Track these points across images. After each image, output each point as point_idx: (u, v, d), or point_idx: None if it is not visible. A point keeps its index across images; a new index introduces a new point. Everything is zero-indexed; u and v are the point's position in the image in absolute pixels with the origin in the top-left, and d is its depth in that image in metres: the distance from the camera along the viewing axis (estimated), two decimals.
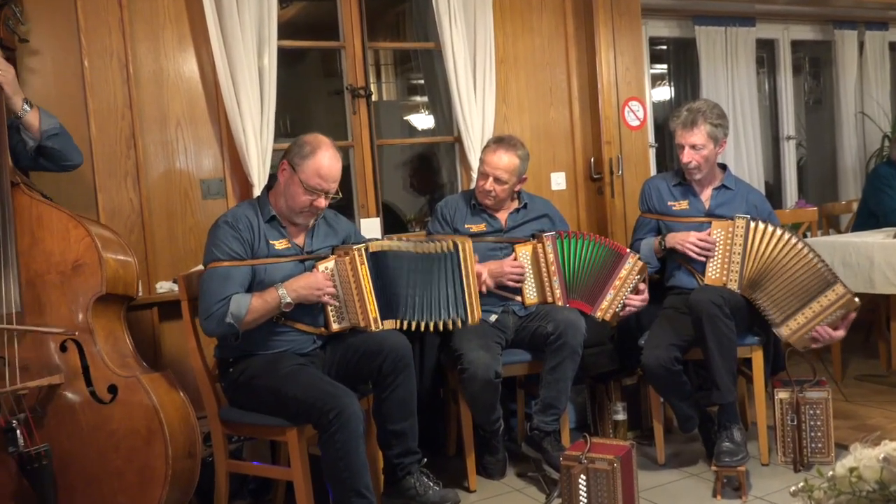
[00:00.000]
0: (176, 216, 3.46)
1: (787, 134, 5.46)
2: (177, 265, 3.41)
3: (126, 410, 2.51)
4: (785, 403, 3.22)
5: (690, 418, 3.24)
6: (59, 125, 2.75)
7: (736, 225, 3.26)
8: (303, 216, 2.79)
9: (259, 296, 2.67)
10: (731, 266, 3.26)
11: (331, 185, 2.75)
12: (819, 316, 3.10)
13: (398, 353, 2.76)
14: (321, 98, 5.30)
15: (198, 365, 2.83)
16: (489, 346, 3.08)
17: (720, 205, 3.40)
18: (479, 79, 3.94)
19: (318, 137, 2.78)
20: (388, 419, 2.82)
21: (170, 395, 2.58)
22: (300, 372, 2.67)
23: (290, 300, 2.68)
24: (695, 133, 3.29)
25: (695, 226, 3.36)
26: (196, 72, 3.48)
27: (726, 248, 3.28)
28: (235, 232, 2.71)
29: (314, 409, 2.54)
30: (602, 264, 3.26)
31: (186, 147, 3.48)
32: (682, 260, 3.37)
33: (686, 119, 3.30)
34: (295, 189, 2.74)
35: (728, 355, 3.08)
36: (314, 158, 2.72)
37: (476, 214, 3.36)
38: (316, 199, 2.74)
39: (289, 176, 2.76)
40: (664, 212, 3.45)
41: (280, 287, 2.68)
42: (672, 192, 3.46)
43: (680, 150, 3.34)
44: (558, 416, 3.17)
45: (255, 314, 2.65)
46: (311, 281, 2.72)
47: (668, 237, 3.37)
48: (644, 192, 3.53)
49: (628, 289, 3.23)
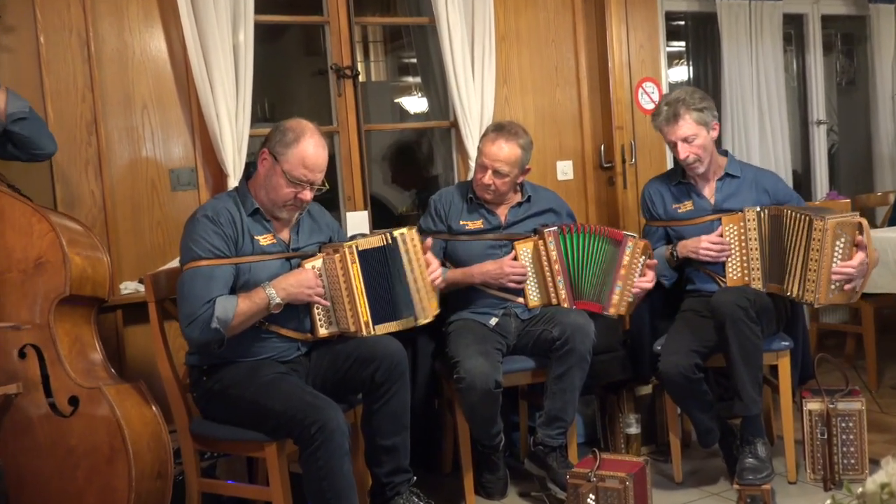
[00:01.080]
0: (142, 209, 3.46)
1: (817, 118, 5.47)
2: (143, 263, 3.41)
3: (87, 425, 2.51)
4: (814, 415, 3.23)
5: (711, 432, 3.25)
6: (28, 109, 2.74)
7: (747, 218, 3.28)
8: (286, 210, 2.79)
9: (246, 297, 2.67)
10: (750, 263, 3.28)
11: (317, 175, 2.75)
12: (825, 257, 3.09)
13: (393, 360, 2.77)
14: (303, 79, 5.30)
15: (166, 373, 2.83)
16: (488, 353, 3.08)
17: (727, 197, 3.41)
18: (477, 57, 3.94)
19: (302, 123, 2.77)
20: (378, 433, 2.82)
21: (138, 410, 2.58)
22: (280, 381, 2.67)
23: (280, 300, 2.69)
24: (681, 125, 3.30)
25: (704, 226, 3.38)
26: (164, 50, 3.47)
27: (741, 244, 3.30)
28: (217, 227, 2.70)
29: (294, 422, 2.54)
30: (604, 256, 3.28)
31: (154, 133, 3.47)
32: (700, 265, 3.39)
33: (668, 114, 3.31)
34: (277, 181, 2.74)
35: (753, 363, 3.09)
36: (298, 147, 2.72)
37: (473, 210, 3.37)
38: (301, 191, 2.74)
39: (270, 166, 2.75)
40: (671, 217, 3.47)
41: (268, 286, 2.68)
42: (674, 193, 3.48)
43: (673, 147, 3.35)
44: (565, 429, 3.18)
45: (243, 317, 2.65)
46: (301, 279, 2.73)
47: (679, 247, 3.39)
48: (645, 200, 3.55)
49: (635, 274, 3.24)
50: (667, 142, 3.38)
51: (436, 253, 3.32)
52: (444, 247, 3.35)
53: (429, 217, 3.41)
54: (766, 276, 3.26)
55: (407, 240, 2.87)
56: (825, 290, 3.10)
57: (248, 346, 2.77)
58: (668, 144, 3.38)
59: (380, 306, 2.83)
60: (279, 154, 2.73)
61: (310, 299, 2.75)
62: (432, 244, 3.31)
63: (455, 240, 3.33)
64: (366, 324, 2.79)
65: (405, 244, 2.86)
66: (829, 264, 3.08)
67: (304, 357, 2.87)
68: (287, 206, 2.77)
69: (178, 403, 2.83)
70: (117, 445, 2.49)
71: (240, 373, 2.72)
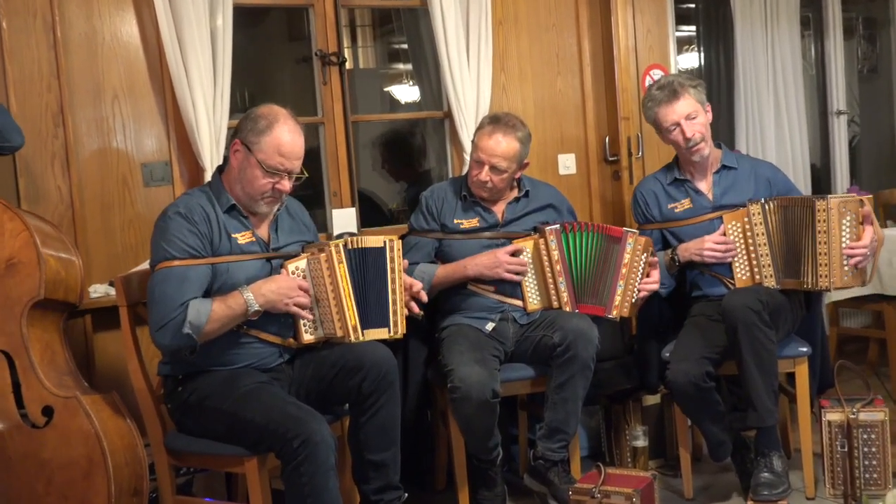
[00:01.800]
0: (112, 207, 3.45)
1: (836, 108, 5.48)
2: (114, 265, 3.41)
3: (62, 437, 2.51)
4: (834, 426, 3.24)
5: (723, 444, 3.26)
6: None
7: (751, 213, 3.30)
8: (264, 202, 2.79)
9: (222, 301, 2.67)
10: (759, 260, 3.30)
11: (294, 163, 2.75)
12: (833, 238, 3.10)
13: (381, 368, 2.77)
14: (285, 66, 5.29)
15: (139, 383, 2.82)
16: (485, 361, 3.09)
17: (726, 191, 3.43)
18: (472, 43, 3.94)
19: (274, 109, 2.78)
20: (366, 447, 2.82)
21: (114, 421, 2.58)
22: (261, 391, 2.67)
23: (258, 307, 2.69)
24: (682, 102, 3.34)
25: (704, 225, 3.39)
26: (136, 35, 3.47)
27: (748, 241, 3.31)
28: (191, 224, 2.70)
29: (276, 435, 2.54)
30: (603, 255, 3.28)
31: (125, 124, 3.47)
32: (704, 268, 3.40)
33: (665, 95, 3.35)
34: (252, 172, 2.74)
35: (768, 370, 3.10)
36: (272, 133, 2.72)
37: (468, 208, 3.37)
38: (278, 181, 2.74)
39: (243, 157, 2.75)
40: (667, 218, 3.47)
41: (246, 290, 2.68)
42: (668, 192, 3.49)
43: (671, 132, 3.36)
44: (567, 442, 3.18)
45: (218, 323, 2.65)
46: (282, 285, 2.73)
47: (680, 250, 3.40)
48: (637, 202, 3.56)
49: (638, 273, 3.25)
50: (664, 129, 3.38)
51: (428, 253, 3.33)
52: (437, 246, 3.35)
53: (420, 215, 3.40)
54: (779, 272, 3.28)
55: (395, 247, 2.87)
56: (839, 273, 3.13)
57: (225, 353, 2.76)
58: (666, 131, 3.38)
59: (369, 310, 2.84)
60: (252, 143, 2.73)
61: (288, 309, 2.74)
62: (425, 244, 3.32)
63: (449, 239, 3.33)
64: (354, 328, 2.79)
65: (392, 252, 2.87)
66: (838, 245, 3.12)
67: (286, 365, 2.87)
68: (265, 198, 2.77)
69: (152, 415, 2.82)
70: (96, 459, 2.49)
71: (217, 382, 2.71)
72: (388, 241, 2.87)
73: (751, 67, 4.83)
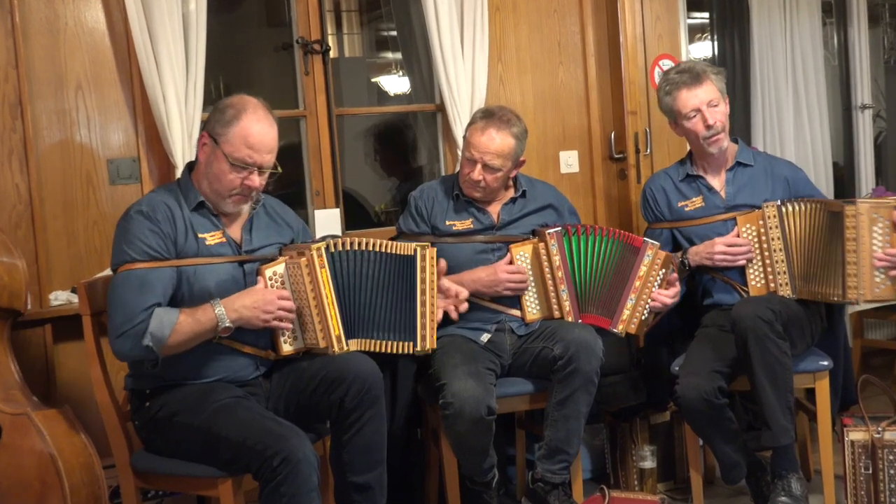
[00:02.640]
0: (75, 206, 3.45)
1: (861, 102, 5.50)
2: (77, 270, 3.40)
3: (13, 457, 2.50)
4: (857, 446, 3.25)
5: (737, 466, 3.27)
6: None
7: (766, 215, 3.31)
8: (232, 200, 2.79)
9: (189, 313, 2.66)
10: (775, 267, 3.31)
11: (264, 156, 2.76)
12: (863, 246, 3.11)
13: (365, 382, 2.77)
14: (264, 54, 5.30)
15: (103, 398, 2.82)
16: (480, 374, 3.09)
17: (740, 189, 3.45)
18: (467, 30, 3.95)
19: (244, 98, 2.79)
20: (350, 468, 2.82)
21: (69, 438, 2.57)
22: (236, 406, 2.67)
23: (230, 323, 2.69)
24: (705, 87, 3.38)
25: (717, 226, 3.41)
26: (102, 20, 3.47)
27: (762, 246, 3.33)
28: (153, 224, 2.70)
29: (254, 453, 2.54)
30: (617, 264, 3.29)
31: (90, 117, 3.47)
32: (716, 273, 3.41)
33: (686, 79, 3.38)
34: (219, 166, 2.74)
35: (782, 385, 3.11)
36: (239, 124, 2.72)
37: (461, 208, 3.38)
38: (247, 176, 2.75)
39: (210, 151, 2.76)
40: (677, 217, 3.49)
41: (217, 304, 2.68)
42: (680, 189, 3.51)
43: (690, 119, 3.38)
44: (568, 463, 3.19)
45: (182, 336, 2.65)
46: (258, 299, 2.72)
47: (690, 254, 3.42)
48: (646, 199, 3.58)
49: (652, 289, 3.26)
50: (683, 115, 3.38)
51: None
52: None
53: (409, 217, 3.41)
54: (795, 280, 3.29)
55: (427, 256, 2.98)
56: (869, 285, 3.14)
57: (197, 365, 2.76)
58: (684, 118, 3.38)
59: (354, 318, 2.85)
60: (219, 135, 2.74)
61: (267, 325, 2.75)
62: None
63: (440, 243, 3.34)
64: (337, 338, 2.80)
65: (423, 261, 2.97)
66: (868, 253, 3.13)
67: (263, 378, 2.87)
68: (233, 195, 2.77)
69: (117, 433, 2.81)
70: (50, 480, 2.49)
71: (188, 397, 2.71)
72: (419, 249, 2.98)
73: (768, 58, 4.85)
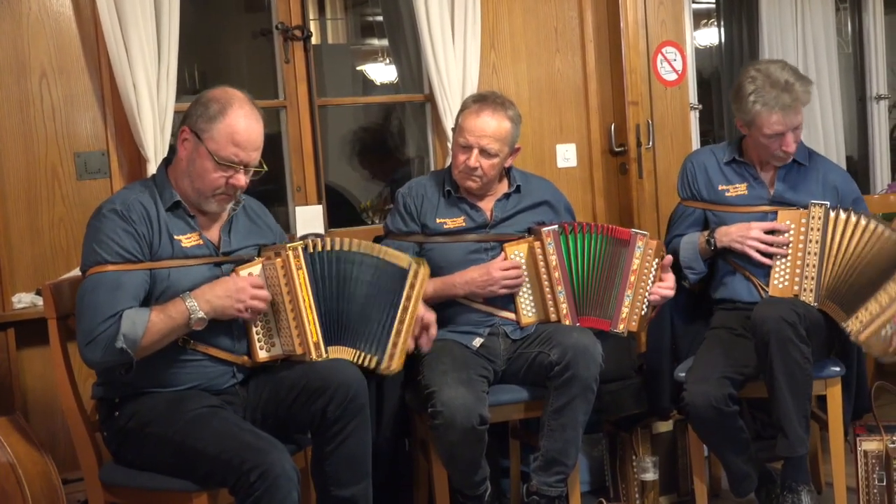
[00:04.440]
0: (40, 203, 3.45)
1: (876, 92, 5.52)
2: (41, 270, 3.40)
3: None
4: (871, 457, 3.27)
5: (747, 477, 3.27)
6: None
7: (811, 215, 3.30)
8: (216, 200, 2.79)
9: (160, 310, 2.66)
10: (804, 271, 3.30)
11: (251, 154, 2.76)
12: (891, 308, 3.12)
13: (349, 390, 2.76)
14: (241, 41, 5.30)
15: (70, 407, 2.81)
16: (471, 382, 3.09)
17: (790, 187, 3.44)
18: (458, 15, 3.95)
19: (228, 91, 2.78)
20: (333, 481, 2.82)
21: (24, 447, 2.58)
22: (211, 417, 2.67)
23: (203, 314, 2.68)
24: (799, 114, 3.33)
25: (756, 216, 3.40)
26: (68, 4, 3.46)
27: (798, 246, 3.32)
28: (127, 224, 2.69)
29: (230, 467, 2.54)
30: (609, 261, 3.30)
31: (55, 108, 3.46)
32: (738, 264, 3.41)
33: (786, 101, 3.28)
34: (203, 164, 2.74)
35: (802, 392, 3.12)
36: (225, 120, 2.72)
37: (452, 205, 3.38)
38: (232, 175, 2.74)
39: (193, 147, 2.75)
40: (715, 199, 3.49)
41: (188, 297, 2.68)
42: (724, 172, 3.50)
43: (769, 139, 3.33)
44: (566, 475, 3.19)
45: (156, 335, 2.65)
46: (230, 287, 2.72)
47: (718, 233, 3.40)
48: (686, 173, 3.57)
49: (648, 281, 3.27)
50: (762, 133, 3.33)
51: None
52: (418, 252, 3.35)
53: (397, 215, 3.41)
54: (821, 291, 3.28)
55: (419, 274, 3.00)
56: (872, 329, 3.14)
57: (169, 371, 2.76)
58: (763, 136, 3.33)
59: (334, 324, 2.85)
60: (202, 131, 2.73)
61: (241, 315, 2.75)
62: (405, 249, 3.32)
63: (431, 242, 3.34)
64: (315, 345, 2.80)
65: (415, 278, 2.99)
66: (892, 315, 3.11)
67: (239, 386, 2.86)
68: (217, 195, 2.77)
69: (85, 445, 2.81)
70: (10, 490, 2.48)
71: (160, 406, 2.71)
72: (414, 264, 2.99)
73: (778, 45, 4.86)
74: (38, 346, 3.20)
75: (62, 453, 2.87)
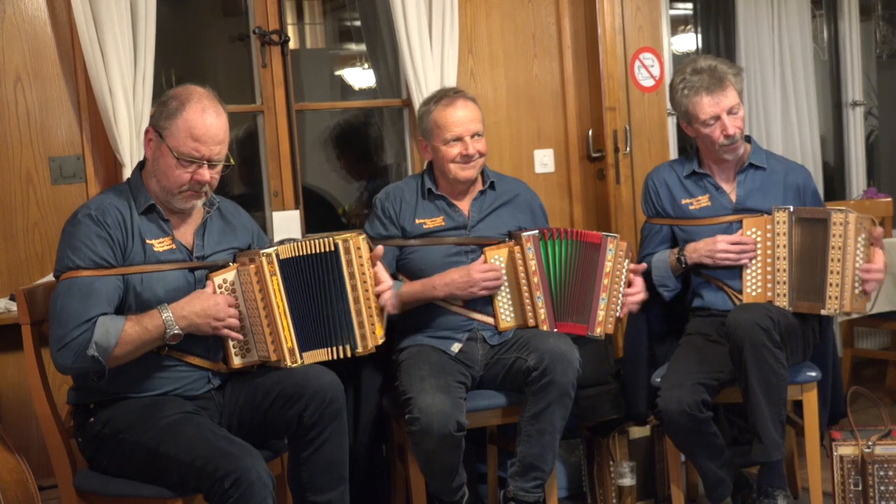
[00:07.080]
0: (14, 207, 3.43)
1: (852, 99, 5.56)
2: (15, 276, 3.39)
3: None
4: (847, 462, 3.28)
5: (721, 483, 3.28)
6: None
7: (776, 220, 3.33)
8: (183, 197, 2.78)
9: (136, 320, 2.66)
10: (776, 276, 3.32)
11: (212, 148, 2.75)
12: (848, 256, 3.16)
13: (326, 396, 2.77)
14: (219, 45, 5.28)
15: (44, 413, 2.80)
16: (449, 388, 3.09)
17: (751, 193, 3.46)
18: (436, 20, 3.95)
19: (189, 88, 2.79)
20: (309, 487, 2.82)
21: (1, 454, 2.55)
22: (186, 423, 2.66)
23: (178, 330, 2.68)
24: (728, 93, 3.36)
25: (722, 228, 3.42)
26: (43, 7, 3.45)
27: (767, 252, 3.34)
28: (101, 229, 2.69)
29: (203, 473, 2.53)
30: (582, 265, 3.31)
31: (30, 112, 3.45)
32: (710, 276, 3.43)
33: (706, 82, 3.35)
34: (166, 161, 2.74)
35: (777, 398, 3.14)
36: (183, 115, 2.72)
37: (430, 206, 3.38)
38: (195, 170, 2.74)
39: (156, 146, 2.76)
40: (680, 214, 3.50)
41: (165, 310, 2.67)
42: (685, 186, 3.52)
43: (708, 126, 3.37)
44: (543, 480, 3.20)
45: (130, 346, 2.64)
46: (208, 304, 2.73)
47: (688, 250, 3.42)
48: (648, 191, 3.59)
49: (621, 283, 3.29)
50: (699, 121, 3.37)
51: (388, 264, 3.33)
52: (398, 256, 3.35)
53: (376, 220, 3.40)
54: (794, 292, 3.31)
55: (351, 248, 2.89)
56: (850, 296, 3.19)
57: (144, 377, 2.76)
58: (701, 125, 3.37)
59: (309, 330, 2.85)
60: (163, 129, 2.74)
61: (217, 332, 2.75)
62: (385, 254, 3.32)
63: (410, 246, 3.33)
64: (290, 351, 2.80)
65: (348, 253, 2.89)
66: (853, 265, 3.16)
67: (215, 392, 2.86)
68: (183, 191, 2.76)
69: (60, 451, 2.80)
70: None
71: (135, 412, 2.70)
72: (342, 241, 2.89)
73: (755, 51, 4.88)
74: (12, 352, 3.19)
75: (36, 460, 2.85)
